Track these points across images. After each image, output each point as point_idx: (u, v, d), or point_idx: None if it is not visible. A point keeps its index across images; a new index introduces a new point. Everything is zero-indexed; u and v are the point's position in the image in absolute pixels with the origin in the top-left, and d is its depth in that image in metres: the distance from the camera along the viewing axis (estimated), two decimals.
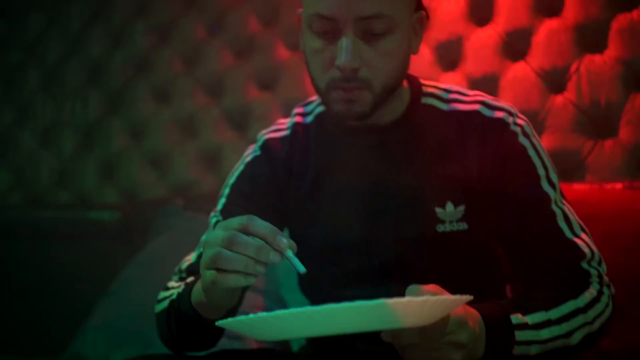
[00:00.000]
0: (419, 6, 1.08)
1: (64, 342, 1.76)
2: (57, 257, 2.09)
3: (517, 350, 0.92)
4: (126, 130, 2.24)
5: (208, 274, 0.82)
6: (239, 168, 1.21)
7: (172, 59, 2.18)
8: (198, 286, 0.95)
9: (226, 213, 1.15)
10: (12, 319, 2.05)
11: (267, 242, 0.80)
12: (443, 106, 1.12)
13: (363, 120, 1.06)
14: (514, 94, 1.65)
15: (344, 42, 1.00)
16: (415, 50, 1.09)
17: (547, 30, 1.63)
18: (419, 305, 0.74)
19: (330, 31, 1.02)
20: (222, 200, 1.18)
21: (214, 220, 1.16)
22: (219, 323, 0.81)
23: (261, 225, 0.81)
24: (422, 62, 1.75)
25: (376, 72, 1.03)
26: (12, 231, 2.21)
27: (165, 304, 1.06)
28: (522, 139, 1.08)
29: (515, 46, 1.68)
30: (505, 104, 1.12)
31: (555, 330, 0.95)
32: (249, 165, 1.20)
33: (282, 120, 1.24)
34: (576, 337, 0.97)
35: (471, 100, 1.12)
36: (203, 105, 2.13)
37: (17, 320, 2.06)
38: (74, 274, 2.04)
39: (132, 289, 1.71)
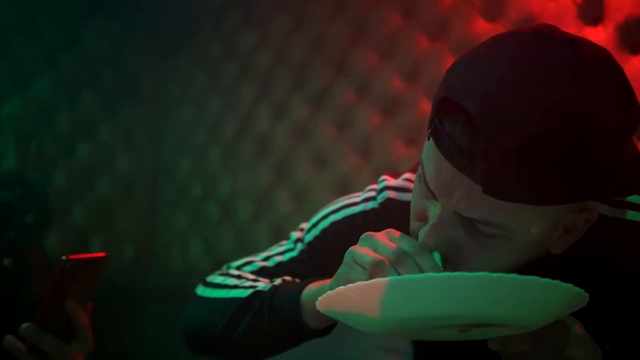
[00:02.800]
0: (590, 196, 0.76)
1: None
2: None
3: None
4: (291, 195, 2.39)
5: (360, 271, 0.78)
6: (352, 208, 1.04)
7: (325, 125, 2.29)
8: (314, 287, 0.90)
9: (310, 253, 1.04)
10: None
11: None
12: None
13: None
14: None
15: (432, 216, 0.79)
16: (556, 249, 0.82)
17: None
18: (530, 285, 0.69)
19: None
20: (315, 233, 1.05)
21: (299, 247, 1.06)
22: (323, 297, 0.76)
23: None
24: None
25: (465, 262, 0.81)
26: None
27: (238, 292, 0.98)
28: None
29: None
30: None
31: None
32: (361, 215, 1.03)
33: (408, 175, 1.05)
34: None
35: None
36: (355, 166, 2.21)
37: None
38: None
39: None
